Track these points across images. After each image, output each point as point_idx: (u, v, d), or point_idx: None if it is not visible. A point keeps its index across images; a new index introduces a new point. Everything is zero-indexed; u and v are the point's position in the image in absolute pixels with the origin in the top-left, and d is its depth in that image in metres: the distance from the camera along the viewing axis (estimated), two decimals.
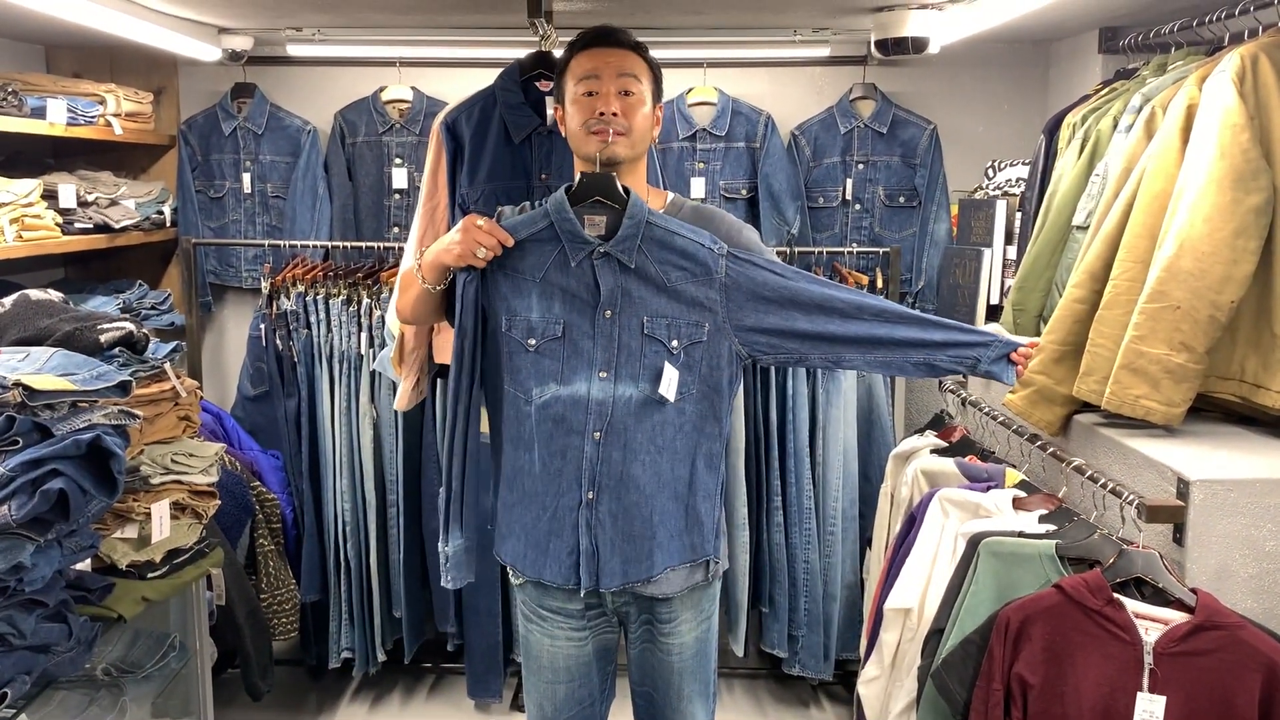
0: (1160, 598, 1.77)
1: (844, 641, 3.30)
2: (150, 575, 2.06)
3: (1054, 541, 1.96)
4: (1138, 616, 1.74)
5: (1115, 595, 1.76)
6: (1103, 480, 2.02)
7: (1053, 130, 2.81)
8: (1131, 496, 1.90)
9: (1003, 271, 3.14)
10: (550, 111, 2.50)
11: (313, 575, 3.27)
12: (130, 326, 1.90)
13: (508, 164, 2.48)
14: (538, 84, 2.52)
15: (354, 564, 3.27)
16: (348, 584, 3.29)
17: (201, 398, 2.32)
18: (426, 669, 3.57)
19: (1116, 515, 2.00)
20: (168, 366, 1.99)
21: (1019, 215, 3.06)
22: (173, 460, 2.06)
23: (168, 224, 3.74)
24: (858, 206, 3.56)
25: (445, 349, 2.56)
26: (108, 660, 2.09)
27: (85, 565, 1.90)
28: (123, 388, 1.71)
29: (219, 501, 2.26)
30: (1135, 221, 2.14)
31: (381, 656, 3.35)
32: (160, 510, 1.98)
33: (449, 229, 2.56)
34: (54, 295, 2.04)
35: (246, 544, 3.02)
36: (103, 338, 1.84)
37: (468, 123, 2.50)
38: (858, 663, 3.22)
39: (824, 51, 3.34)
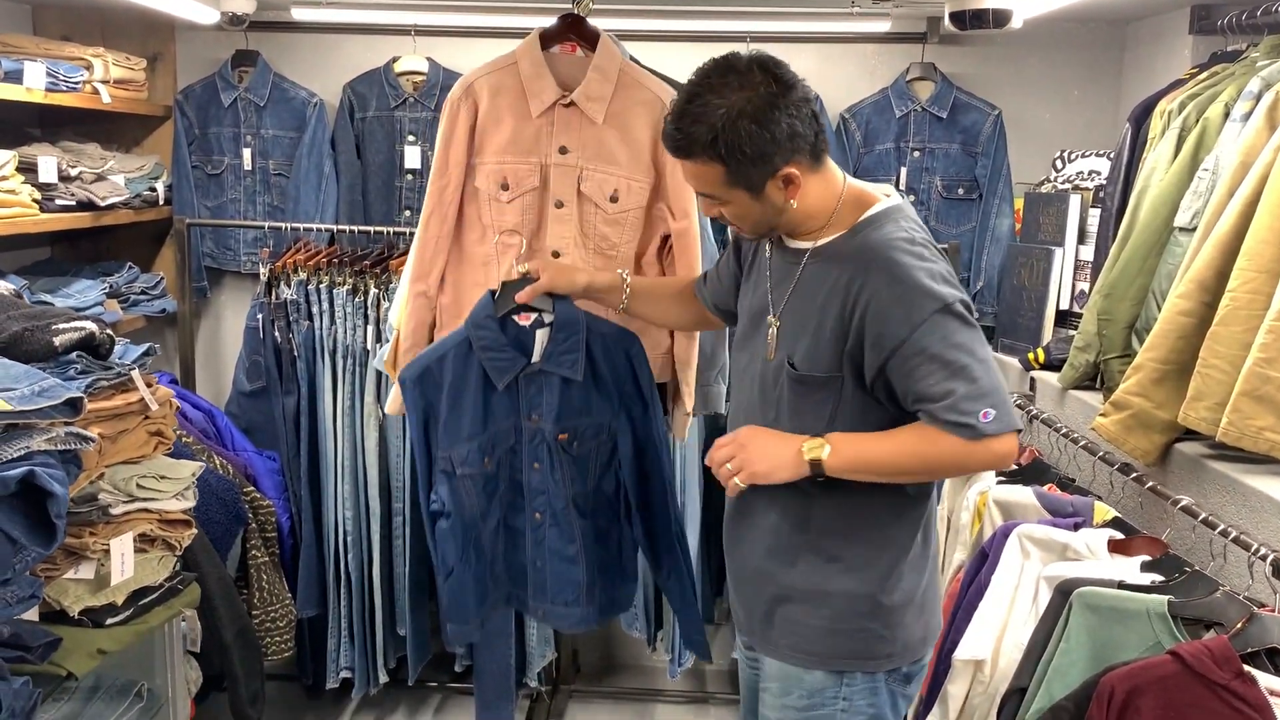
0: None
1: None
2: (109, 621, 1.77)
3: (1166, 598, 1.70)
4: (1273, 694, 1.50)
5: (1245, 668, 1.52)
6: (1222, 527, 1.76)
7: (1141, 118, 2.54)
8: (1263, 549, 1.64)
9: (1074, 274, 2.86)
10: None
11: (310, 588, 3.04)
12: (91, 327, 1.61)
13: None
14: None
15: (355, 577, 3.05)
16: (348, 598, 3.07)
17: (174, 399, 2.02)
18: (431, 689, 3.35)
19: (1238, 568, 1.74)
20: (136, 374, 1.70)
21: (1096, 212, 2.78)
22: (139, 485, 1.77)
23: (161, 202, 3.46)
24: (912, 198, 3.27)
25: None
26: (59, 718, 1.80)
27: (33, 614, 1.61)
28: (72, 405, 1.42)
29: (195, 530, 1.97)
30: (1260, 224, 1.89)
31: (383, 676, 3.13)
32: (122, 546, 1.69)
33: (458, 212, 2.26)
34: (4, 287, 1.75)
35: (238, 555, 2.77)
36: (57, 340, 1.55)
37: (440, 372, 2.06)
38: None
39: (883, 26, 3.03)
